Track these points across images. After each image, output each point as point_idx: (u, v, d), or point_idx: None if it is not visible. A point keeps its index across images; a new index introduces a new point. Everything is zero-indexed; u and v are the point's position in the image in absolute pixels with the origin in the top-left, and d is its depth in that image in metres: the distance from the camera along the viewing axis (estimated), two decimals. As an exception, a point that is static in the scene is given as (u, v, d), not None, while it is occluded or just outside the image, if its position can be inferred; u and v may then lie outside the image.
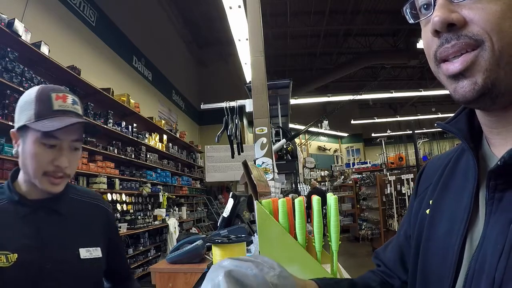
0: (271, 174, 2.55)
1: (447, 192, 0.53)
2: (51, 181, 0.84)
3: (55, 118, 0.83)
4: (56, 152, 0.84)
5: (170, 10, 8.75)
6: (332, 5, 9.11)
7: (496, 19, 0.38)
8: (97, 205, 1.00)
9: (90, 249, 0.90)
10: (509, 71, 0.39)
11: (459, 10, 0.41)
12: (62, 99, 0.86)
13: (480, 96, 0.40)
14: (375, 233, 7.00)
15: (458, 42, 0.41)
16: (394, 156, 9.21)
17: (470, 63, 0.40)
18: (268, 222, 0.75)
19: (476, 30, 0.40)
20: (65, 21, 4.56)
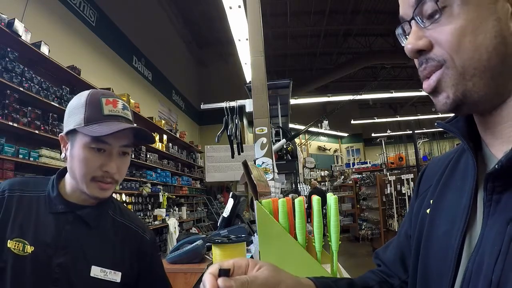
0: (271, 174, 2.55)
1: (447, 192, 0.54)
2: (100, 186, 0.83)
3: (105, 123, 0.81)
4: (105, 157, 0.83)
5: (170, 10, 8.75)
6: (332, 5, 9.11)
7: (455, 38, 0.43)
8: (135, 231, 0.94)
9: (106, 270, 0.85)
10: (477, 82, 0.43)
11: (427, 34, 0.46)
12: (113, 104, 0.85)
13: (455, 107, 0.45)
14: (375, 233, 7.00)
15: (427, 66, 0.46)
16: (394, 156, 9.21)
17: (437, 81, 0.46)
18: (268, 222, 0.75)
19: (440, 52, 0.45)
20: (65, 21, 4.56)
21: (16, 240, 0.78)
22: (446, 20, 0.44)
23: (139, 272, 0.92)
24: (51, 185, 0.86)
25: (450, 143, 10.57)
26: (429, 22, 0.45)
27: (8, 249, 0.77)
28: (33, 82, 3.37)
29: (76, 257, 0.82)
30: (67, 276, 0.80)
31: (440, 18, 0.44)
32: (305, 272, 0.71)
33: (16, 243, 0.78)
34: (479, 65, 0.42)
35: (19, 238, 0.78)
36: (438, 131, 10.83)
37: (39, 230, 0.80)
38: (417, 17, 0.47)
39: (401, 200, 6.51)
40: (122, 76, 6.16)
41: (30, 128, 3.27)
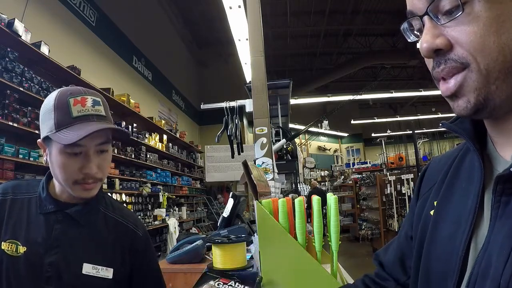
0: (271, 174, 2.55)
1: (452, 193, 0.52)
2: (83, 187, 0.82)
3: (75, 126, 0.79)
4: (83, 159, 0.81)
5: (170, 10, 8.75)
6: (332, 5, 9.11)
7: (479, 39, 0.39)
8: (126, 226, 0.93)
9: (98, 267, 0.85)
10: (500, 85, 0.40)
11: (445, 33, 0.42)
12: (81, 103, 0.81)
13: (476, 111, 0.42)
14: (375, 233, 7.00)
15: (446, 67, 0.43)
16: (394, 156, 9.21)
17: (459, 85, 0.42)
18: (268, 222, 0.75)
19: (461, 52, 0.41)
20: (65, 21, 4.56)
21: (9, 241, 0.79)
22: (466, 18, 0.40)
23: (132, 268, 0.91)
24: (41, 186, 0.87)
25: (450, 143, 10.57)
26: (446, 19, 0.42)
27: (2, 251, 0.78)
28: (33, 82, 3.37)
29: (67, 255, 0.82)
30: (59, 274, 0.80)
31: (460, 16, 0.40)
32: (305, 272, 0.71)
33: (9, 244, 0.79)
34: (503, 67, 0.39)
35: (12, 240, 0.79)
36: (438, 131, 10.84)
37: (31, 230, 0.81)
38: (431, 13, 0.43)
39: (401, 200, 6.51)
40: (122, 76, 6.15)
41: (30, 128, 3.27)
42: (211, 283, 0.82)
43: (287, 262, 0.73)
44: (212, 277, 0.85)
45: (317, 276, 0.70)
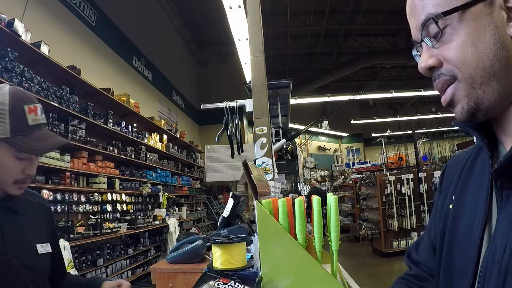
0: (271, 174, 2.55)
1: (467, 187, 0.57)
2: (19, 187, 0.89)
3: (32, 136, 0.86)
4: (27, 163, 0.88)
5: (170, 10, 8.75)
6: (332, 5, 9.11)
7: (459, 53, 0.48)
8: (43, 205, 1.06)
9: (43, 245, 0.95)
10: (486, 89, 0.47)
11: (436, 53, 0.51)
12: (34, 112, 0.89)
13: (471, 115, 0.49)
14: (375, 233, 6.99)
15: (440, 81, 0.51)
16: (394, 156, 9.20)
17: (452, 95, 0.50)
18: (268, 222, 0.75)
19: (449, 67, 0.50)
20: (65, 21, 4.56)
21: None
22: (449, 38, 0.48)
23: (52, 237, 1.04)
24: None
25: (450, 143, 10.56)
26: (435, 42, 0.50)
27: None
28: (33, 82, 3.37)
29: (22, 243, 0.89)
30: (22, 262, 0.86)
31: (444, 37, 0.49)
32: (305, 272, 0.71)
33: None
34: (484, 73, 0.46)
35: None
36: (438, 131, 10.84)
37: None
38: (425, 38, 0.51)
39: (401, 200, 6.51)
40: (122, 76, 6.15)
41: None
42: (211, 283, 0.82)
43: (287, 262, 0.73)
44: (212, 277, 0.85)
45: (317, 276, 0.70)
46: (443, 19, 0.48)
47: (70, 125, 3.95)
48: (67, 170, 3.83)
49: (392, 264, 5.97)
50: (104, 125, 4.62)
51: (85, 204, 4.17)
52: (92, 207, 4.29)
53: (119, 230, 4.61)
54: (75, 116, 4.01)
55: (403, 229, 6.46)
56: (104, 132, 4.82)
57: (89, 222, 4.20)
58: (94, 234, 4.02)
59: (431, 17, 0.49)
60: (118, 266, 4.63)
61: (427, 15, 0.50)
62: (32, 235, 0.94)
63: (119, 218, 4.94)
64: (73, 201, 3.95)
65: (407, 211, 6.31)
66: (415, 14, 0.53)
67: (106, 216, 4.56)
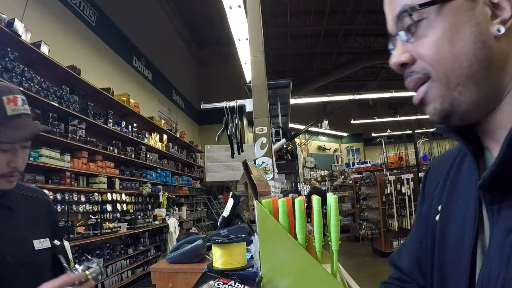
0: (271, 174, 2.55)
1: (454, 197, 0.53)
2: (8, 180, 0.88)
3: (11, 125, 0.84)
4: (11, 155, 0.86)
5: (170, 10, 8.75)
6: (332, 5, 9.11)
7: (434, 50, 0.44)
8: (42, 199, 1.05)
9: (41, 240, 0.94)
10: (463, 91, 0.43)
11: (410, 48, 0.47)
12: (14, 102, 0.87)
13: (445, 117, 0.46)
14: (375, 233, 6.99)
15: (412, 79, 0.47)
16: (394, 156, 9.20)
17: (424, 93, 0.47)
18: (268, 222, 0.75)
19: (422, 64, 0.46)
20: (65, 21, 4.56)
21: None
22: (424, 33, 0.44)
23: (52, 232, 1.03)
24: None
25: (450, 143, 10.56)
26: (410, 36, 0.46)
27: None
28: (33, 82, 3.37)
29: (18, 240, 0.89)
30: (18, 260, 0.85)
31: (419, 31, 0.45)
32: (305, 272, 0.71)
33: None
34: (461, 73, 0.42)
35: None
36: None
37: None
38: (400, 32, 0.47)
39: (401, 200, 6.51)
40: (122, 76, 6.15)
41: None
42: (211, 283, 0.82)
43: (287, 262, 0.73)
44: (212, 277, 0.85)
45: (317, 276, 0.70)
46: (419, 11, 0.44)
47: (70, 125, 3.95)
48: (67, 170, 3.83)
49: (392, 264, 5.96)
50: (104, 125, 4.62)
51: (85, 204, 4.17)
52: (92, 207, 4.30)
53: (119, 230, 4.62)
54: (75, 116, 4.01)
55: (403, 229, 6.46)
56: (104, 132, 4.82)
57: (89, 222, 4.20)
58: (94, 234, 4.02)
59: (406, 8, 0.45)
60: (118, 266, 4.63)
61: (402, 7, 0.46)
62: (29, 231, 0.93)
63: (119, 218, 4.94)
64: (73, 201, 3.95)
65: (407, 211, 6.31)
66: (391, 4, 0.49)
67: (106, 216, 4.56)
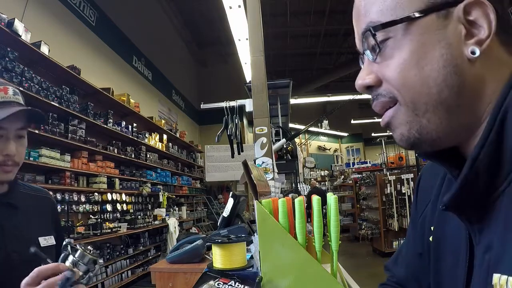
0: (271, 174, 2.55)
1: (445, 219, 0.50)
2: (3, 170, 0.87)
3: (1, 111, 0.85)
4: (3, 142, 0.87)
5: (170, 10, 8.75)
6: (332, 5, 9.11)
7: (400, 74, 0.39)
8: (46, 198, 1.07)
9: (46, 238, 0.96)
10: (432, 118, 0.39)
11: (376, 69, 0.43)
12: (3, 91, 0.89)
13: (413, 144, 0.42)
14: (375, 233, 6.99)
15: (378, 102, 0.44)
16: (394, 156, 9.19)
17: (391, 118, 0.43)
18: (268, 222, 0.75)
19: (388, 88, 0.42)
20: (65, 21, 4.56)
21: None
22: (391, 53, 0.40)
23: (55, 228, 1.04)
24: None
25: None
26: (376, 56, 0.42)
27: None
28: (33, 82, 3.37)
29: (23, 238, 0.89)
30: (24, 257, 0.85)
31: (385, 51, 0.41)
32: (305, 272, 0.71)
33: None
34: (429, 99, 0.38)
35: None
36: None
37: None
38: (366, 51, 0.43)
39: (401, 200, 6.51)
40: (122, 76, 6.15)
41: (30, 128, 3.26)
42: (211, 283, 0.82)
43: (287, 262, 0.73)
44: (212, 277, 0.85)
45: (317, 276, 0.70)
46: (383, 30, 0.40)
47: (70, 125, 3.95)
48: (67, 170, 3.83)
49: (392, 264, 5.96)
50: (104, 125, 4.62)
51: (85, 204, 4.17)
52: (92, 207, 4.30)
53: (119, 230, 4.62)
54: (75, 116, 4.01)
55: (403, 229, 6.45)
56: (104, 132, 4.82)
57: (89, 222, 4.20)
58: (94, 234, 4.02)
59: (370, 27, 0.41)
60: (118, 266, 4.63)
61: (367, 24, 0.42)
62: (34, 229, 0.94)
63: (119, 218, 4.94)
64: (73, 201, 3.95)
65: (407, 211, 6.31)
66: (358, 20, 0.45)
67: (106, 216, 4.56)
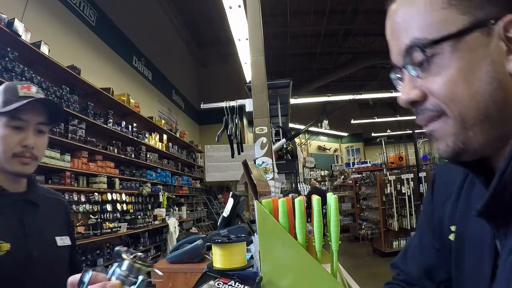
0: (271, 173, 2.55)
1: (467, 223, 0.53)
2: (21, 161, 0.90)
3: (20, 101, 0.89)
4: (23, 134, 0.90)
5: (170, 10, 8.75)
6: (332, 5, 9.11)
7: (448, 88, 0.41)
8: (60, 200, 1.11)
9: (62, 237, 0.99)
10: (477, 131, 0.41)
11: (420, 84, 0.44)
12: (27, 88, 0.94)
13: (456, 154, 0.44)
14: (375, 233, 6.99)
15: (424, 116, 0.45)
16: (394, 156, 9.19)
17: (438, 130, 0.44)
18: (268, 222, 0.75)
19: (435, 102, 0.43)
20: (65, 21, 4.56)
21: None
22: (437, 69, 0.42)
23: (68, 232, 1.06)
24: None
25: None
26: (420, 71, 0.43)
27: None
28: (33, 82, 3.36)
29: (43, 235, 0.93)
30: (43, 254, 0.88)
31: (431, 67, 0.42)
32: (305, 272, 0.71)
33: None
34: (477, 113, 0.41)
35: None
36: (438, 131, 10.81)
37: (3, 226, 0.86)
38: (408, 65, 0.44)
39: (401, 200, 6.51)
40: (122, 76, 6.15)
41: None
42: (211, 283, 0.82)
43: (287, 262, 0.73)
44: (212, 277, 0.85)
45: (317, 276, 0.70)
46: (431, 48, 0.41)
47: (70, 125, 3.95)
48: (67, 170, 3.83)
49: (392, 264, 5.96)
50: (104, 125, 4.62)
51: (85, 204, 4.17)
52: (92, 207, 4.30)
53: (119, 230, 4.62)
54: (75, 116, 4.01)
55: (403, 229, 6.46)
56: (104, 132, 4.82)
57: (89, 222, 4.20)
58: (94, 234, 4.02)
59: (417, 44, 0.42)
60: (118, 266, 4.62)
61: (412, 40, 0.43)
62: (51, 228, 0.97)
63: (119, 218, 4.94)
64: (73, 201, 3.95)
65: (407, 211, 6.31)
66: (396, 35, 0.46)
67: (106, 216, 4.56)
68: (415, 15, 0.43)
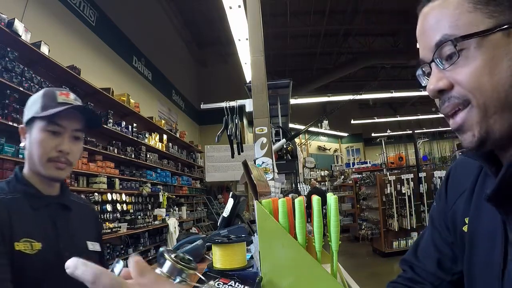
0: (271, 174, 2.55)
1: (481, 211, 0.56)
2: (56, 166, 0.92)
3: (59, 107, 0.91)
4: (59, 139, 0.92)
5: (170, 10, 8.75)
6: (332, 5, 9.11)
7: (475, 78, 0.46)
8: (89, 207, 1.14)
9: (93, 243, 1.00)
10: (498, 119, 0.46)
11: (447, 75, 0.49)
12: (66, 95, 0.97)
13: (480, 144, 0.48)
14: (375, 233, 7.00)
15: (449, 104, 0.50)
16: (394, 156, 9.20)
17: (464, 120, 0.49)
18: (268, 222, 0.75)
19: (461, 91, 0.48)
20: (65, 21, 4.56)
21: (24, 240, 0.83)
22: (464, 62, 0.47)
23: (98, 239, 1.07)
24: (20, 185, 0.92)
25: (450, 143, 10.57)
26: (448, 64, 0.49)
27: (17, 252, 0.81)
28: (33, 82, 3.36)
29: (75, 239, 0.95)
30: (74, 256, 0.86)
31: (459, 60, 0.47)
32: (305, 272, 0.71)
33: (24, 243, 0.83)
34: (498, 103, 0.45)
35: (26, 238, 0.83)
36: (438, 131, 10.84)
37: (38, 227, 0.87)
38: (437, 59, 0.50)
39: (401, 200, 6.51)
40: (122, 76, 6.15)
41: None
42: (211, 283, 0.82)
43: (287, 262, 0.73)
44: (212, 277, 0.85)
45: (317, 276, 0.70)
46: (461, 42, 0.46)
47: (70, 125, 3.95)
48: (67, 170, 3.82)
49: (392, 264, 5.97)
50: (104, 125, 4.62)
51: (85, 204, 4.16)
52: (92, 207, 4.29)
53: (119, 230, 4.61)
54: (75, 116, 4.01)
55: (403, 229, 6.46)
56: (104, 132, 4.82)
57: (89, 222, 4.20)
58: (94, 234, 4.02)
59: (449, 38, 0.47)
60: (118, 266, 4.62)
61: (443, 36, 0.48)
62: (83, 232, 0.99)
63: (119, 218, 4.94)
64: (73, 201, 3.95)
65: (407, 211, 6.31)
66: (428, 33, 0.51)
67: (106, 216, 4.56)
68: (446, 16, 0.49)
